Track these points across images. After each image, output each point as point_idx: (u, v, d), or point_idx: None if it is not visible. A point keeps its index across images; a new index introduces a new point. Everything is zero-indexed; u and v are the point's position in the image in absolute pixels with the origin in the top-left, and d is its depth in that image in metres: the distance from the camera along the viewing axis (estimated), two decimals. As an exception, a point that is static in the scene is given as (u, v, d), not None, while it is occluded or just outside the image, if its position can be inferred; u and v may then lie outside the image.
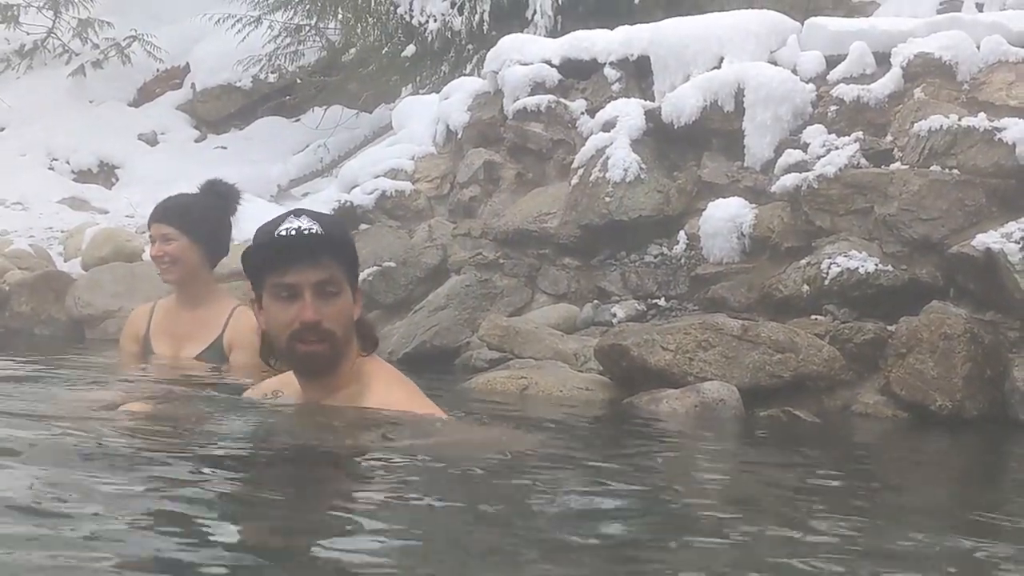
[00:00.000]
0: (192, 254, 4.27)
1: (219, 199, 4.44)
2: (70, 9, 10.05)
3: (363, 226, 5.59)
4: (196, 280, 4.37)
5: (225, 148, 9.22)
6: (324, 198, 5.97)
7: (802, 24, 4.99)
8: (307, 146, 8.66)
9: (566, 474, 2.46)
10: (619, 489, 2.31)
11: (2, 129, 9.78)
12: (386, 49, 7.37)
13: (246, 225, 5.99)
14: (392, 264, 5.16)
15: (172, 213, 4.26)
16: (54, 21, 10.13)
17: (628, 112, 4.93)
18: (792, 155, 4.50)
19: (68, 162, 9.18)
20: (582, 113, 5.23)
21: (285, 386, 2.75)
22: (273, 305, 2.52)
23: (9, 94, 9.94)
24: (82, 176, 9.07)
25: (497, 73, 5.49)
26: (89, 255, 6.05)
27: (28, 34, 10.22)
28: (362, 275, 5.28)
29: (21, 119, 9.77)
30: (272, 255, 2.51)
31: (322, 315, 2.47)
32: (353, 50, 8.48)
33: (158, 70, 9.92)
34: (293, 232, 2.49)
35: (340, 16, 8.17)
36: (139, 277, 5.39)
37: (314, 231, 2.48)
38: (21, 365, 4.00)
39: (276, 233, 2.52)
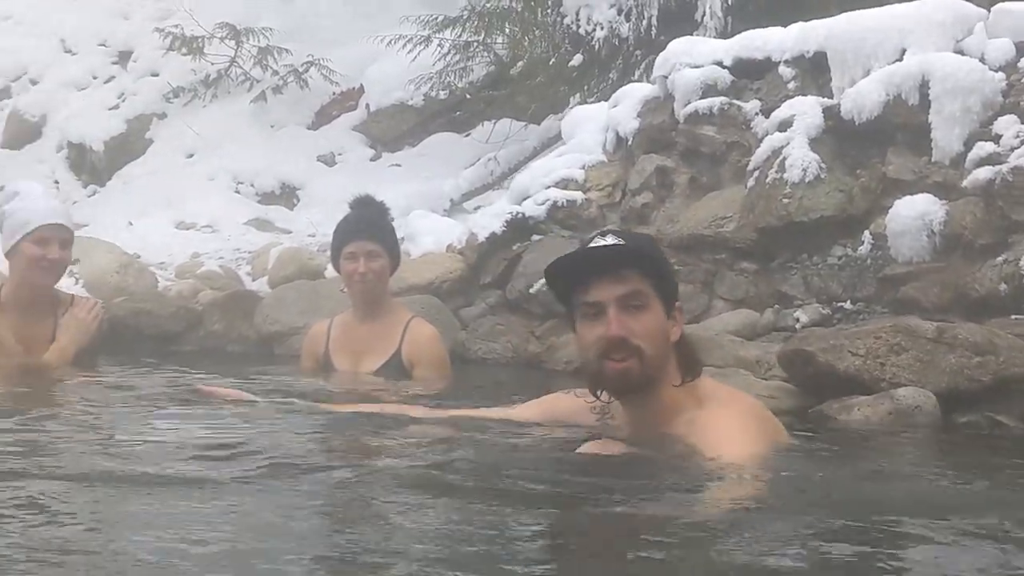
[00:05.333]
0: (388, 270, 4.37)
1: (384, 214, 4.53)
2: (251, 38, 10.45)
3: (535, 237, 5.61)
4: (383, 295, 4.46)
5: (399, 166, 9.40)
6: (496, 210, 6.00)
7: (988, 11, 4.74)
8: (478, 160, 8.75)
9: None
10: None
11: (191, 156, 10.23)
12: (553, 60, 7.38)
13: (423, 239, 6.13)
14: (567, 274, 5.15)
15: (376, 230, 4.34)
16: (236, 51, 10.55)
17: (805, 110, 4.79)
18: (984, 148, 4.28)
19: (252, 185, 9.52)
20: (756, 114, 5.11)
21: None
22: (582, 327, 2.45)
23: (197, 122, 10.40)
24: (265, 198, 9.39)
25: (667, 77, 5.42)
26: (275, 274, 6.26)
27: (212, 64, 10.68)
28: (535, 285, 5.33)
29: (208, 145, 10.21)
30: (575, 273, 2.46)
31: (628, 330, 2.38)
32: (520, 63, 8.53)
33: (334, 93, 10.20)
34: (594, 249, 2.44)
35: (507, 31, 8.23)
36: (322, 294, 5.54)
37: (614, 244, 2.43)
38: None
39: (578, 252, 2.51)
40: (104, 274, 5.96)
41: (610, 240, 2.49)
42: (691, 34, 6.18)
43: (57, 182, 10.65)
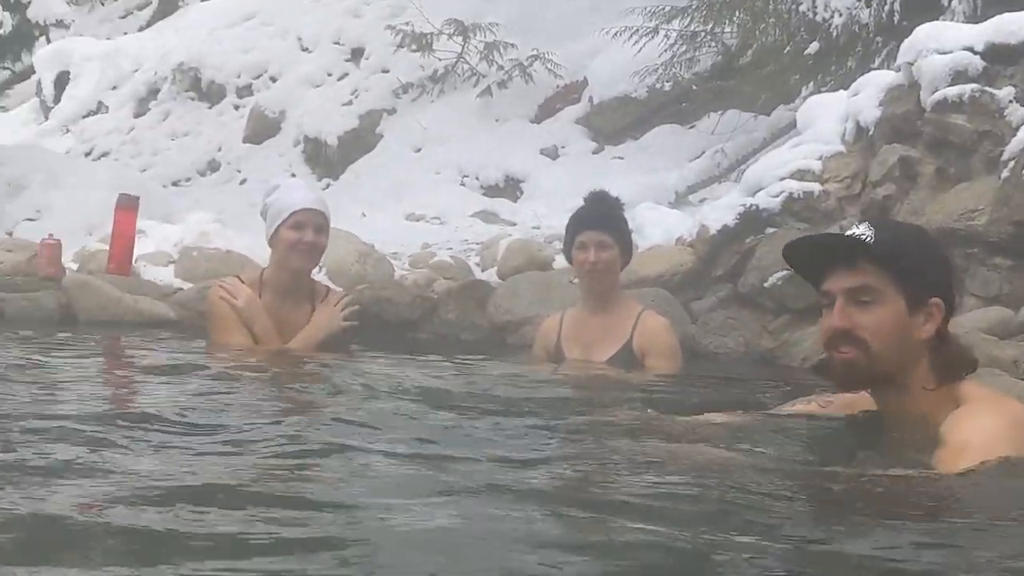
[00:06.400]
0: (619, 261, 4.39)
1: (617, 208, 4.53)
2: (477, 34, 10.66)
3: (769, 230, 5.49)
4: (613, 287, 4.48)
5: (622, 158, 9.40)
6: (726, 203, 5.91)
7: None
8: (703, 152, 8.65)
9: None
10: None
11: (419, 150, 10.54)
12: (788, 48, 7.20)
13: (651, 232, 6.11)
14: (803, 268, 5.02)
15: (608, 221, 4.37)
16: (463, 46, 10.79)
17: (1066, 97, 4.51)
18: None
19: (477, 178, 9.73)
20: (1010, 101, 4.84)
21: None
22: (823, 314, 2.42)
23: (425, 117, 10.70)
24: (490, 191, 9.58)
25: (912, 64, 5.19)
26: (504, 264, 6.36)
27: (440, 60, 10.95)
28: (771, 279, 5.22)
29: (435, 140, 10.49)
30: (807, 261, 2.44)
31: (853, 323, 2.33)
32: (750, 52, 8.37)
33: (558, 86, 10.28)
34: (827, 236, 2.42)
35: (737, 19, 8.09)
36: (553, 285, 5.59)
37: (857, 235, 2.36)
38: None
39: (811, 238, 2.47)
40: (345, 263, 6.20)
41: (862, 228, 2.40)
42: (937, 19, 5.91)
43: (294, 175, 11.19)
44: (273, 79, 12.92)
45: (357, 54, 12.43)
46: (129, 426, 2.32)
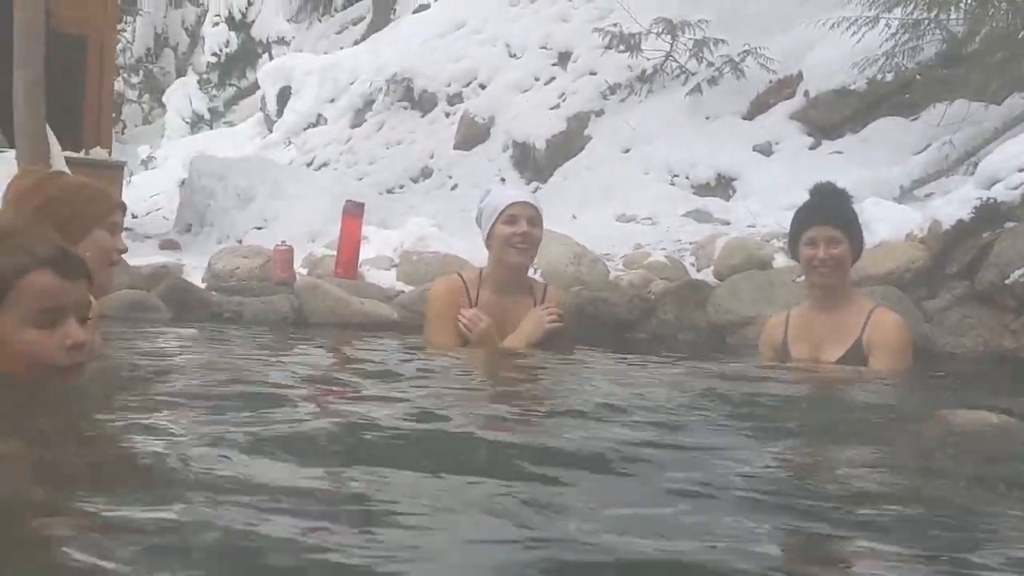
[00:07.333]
0: (849, 257, 4.24)
1: (846, 201, 4.35)
2: (686, 32, 10.54)
3: (1008, 224, 5.18)
4: (843, 283, 4.31)
5: (840, 153, 9.09)
6: (959, 197, 5.61)
7: None
8: (928, 144, 8.25)
9: None
10: None
11: (627, 150, 10.50)
12: (1022, 34, 6.77)
13: (878, 227, 5.87)
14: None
15: (838, 215, 4.22)
16: (671, 45, 10.69)
17: None
18: None
19: (687, 177, 9.61)
20: None
21: None
22: None
23: (633, 117, 10.66)
24: (701, 189, 9.44)
25: None
26: (721, 264, 6.24)
27: (648, 60, 10.89)
28: (1013, 276, 4.92)
29: (643, 139, 10.44)
30: None
31: None
32: (978, 39, 7.93)
33: (770, 81, 10.05)
34: None
35: (964, 4, 7.68)
36: (775, 284, 5.45)
37: None
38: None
39: None
40: (559, 265, 6.23)
41: None
42: None
43: (503, 180, 11.35)
44: (482, 86, 13.18)
45: (564, 58, 12.52)
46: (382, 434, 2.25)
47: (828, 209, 4.26)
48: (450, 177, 12.39)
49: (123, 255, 3.15)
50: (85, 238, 2.75)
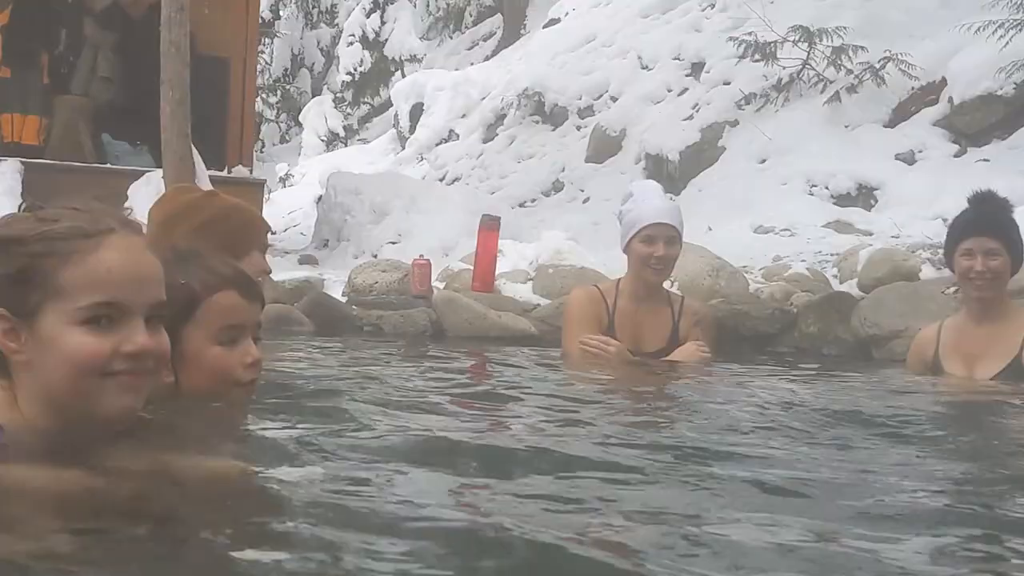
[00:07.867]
0: (1008, 269, 4.07)
1: (1006, 210, 4.18)
2: (824, 39, 10.32)
3: None
4: (1001, 296, 4.14)
5: (987, 161, 8.75)
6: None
7: None
8: (1083, 151, 7.90)
9: None
10: None
11: (763, 160, 10.31)
12: None
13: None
14: None
15: (997, 225, 4.07)
16: (808, 52, 10.48)
17: None
18: None
19: (827, 187, 9.39)
20: None
21: None
22: None
23: (769, 127, 10.47)
24: (841, 200, 9.21)
25: None
26: (865, 276, 6.07)
27: (784, 68, 10.69)
28: None
29: (780, 150, 10.23)
30: None
31: None
32: None
33: (913, 88, 9.75)
34: None
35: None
36: (922, 296, 5.27)
37: None
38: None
39: None
40: (697, 278, 6.15)
41: None
42: None
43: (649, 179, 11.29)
44: (613, 98, 13.13)
45: (697, 68, 12.39)
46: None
47: (986, 219, 4.10)
48: (582, 191, 12.37)
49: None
50: (241, 259, 2.83)
